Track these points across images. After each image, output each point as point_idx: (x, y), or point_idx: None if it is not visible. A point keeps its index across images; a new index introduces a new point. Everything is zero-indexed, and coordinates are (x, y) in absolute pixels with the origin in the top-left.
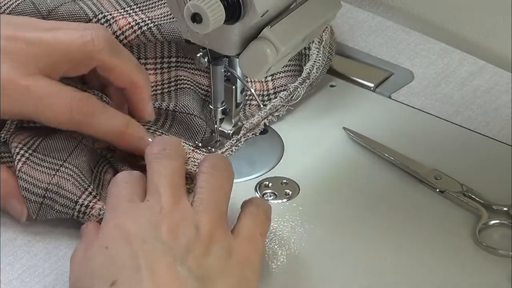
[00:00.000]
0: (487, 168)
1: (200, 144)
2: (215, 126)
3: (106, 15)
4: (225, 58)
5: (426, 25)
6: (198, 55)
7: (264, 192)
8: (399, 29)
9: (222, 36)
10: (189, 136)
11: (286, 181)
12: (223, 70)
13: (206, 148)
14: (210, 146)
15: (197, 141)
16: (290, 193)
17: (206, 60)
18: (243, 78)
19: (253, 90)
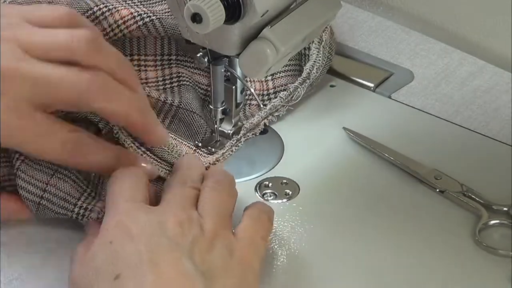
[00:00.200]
0: (487, 168)
1: (200, 144)
2: (215, 126)
3: (107, 5)
4: (225, 58)
5: (426, 25)
6: (198, 55)
7: (264, 192)
8: (399, 29)
9: (222, 36)
10: (189, 134)
11: (286, 181)
12: (223, 70)
13: (206, 148)
14: (210, 146)
15: (197, 140)
16: (290, 193)
17: (206, 60)
18: (243, 78)
19: (253, 90)
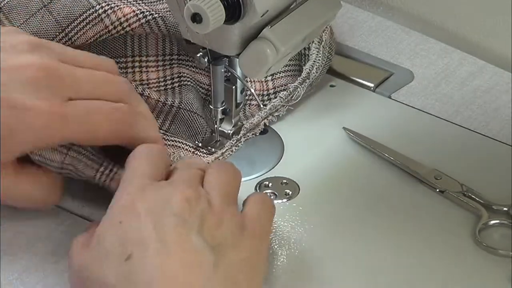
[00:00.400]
0: (487, 168)
1: (200, 144)
2: (215, 126)
3: (110, 4)
4: (225, 58)
5: (426, 25)
6: (198, 55)
7: (264, 192)
8: (399, 29)
9: (222, 36)
10: (189, 135)
11: (286, 181)
12: (223, 70)
13: (206, 148)
14: (210, 146)
15: (197, 141)
16: (290, 193)
17: (206, 60)
18: (243, 78)
19: (253, 90)
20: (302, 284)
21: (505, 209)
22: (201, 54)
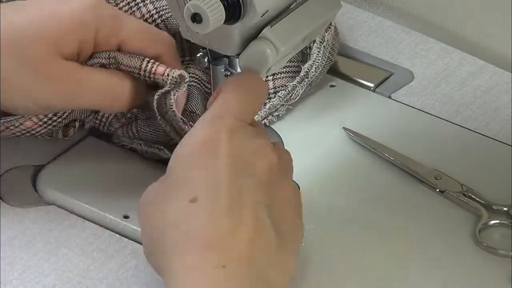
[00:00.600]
0: (487, 168)
1: None
2: None
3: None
4: (225, 58)
5: (426, 25)
6: (198, 55)
7: None
8: (399, 29)
9: (222, 36)
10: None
11: None
12: (223, 70)
13: None
14: None
15: None
16: None
17: (206, 60)
18: None
19: None
20: (302, 284)
21: (505, 209)
22: (201, 54)
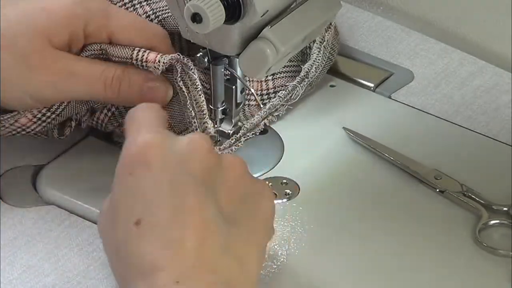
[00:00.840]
0: (487, 168)
1: None
2: (215, 126)
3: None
4: (225, 58)
5: (426, 25)
6: (198, 55)
7: None
8: (399, 29)
9: (222, 36)
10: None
11: (286, 181)
12: (223, 70)
13: None
14: None
15: None
16: (290, 193)
17: (206, 60)
18: (243, 78)
19: (253, 90)
20: (302, 284)
21: (505, 209)
22: (201, 54)
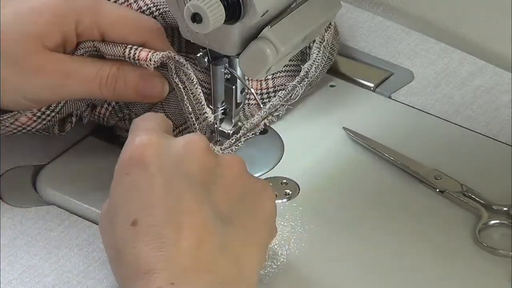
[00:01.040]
0: (487, 168)
1: None
2: (215, 126)
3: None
4: (225, 58)
5: (426, 25)
6: (198, 55)
7: None
8: (399, 29)
9: (222, 36)
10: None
11: (286, 181)
12: (223, 70)
13: None
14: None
15: None
16: (290, 193)
17: (206, 60)
18: (243, 78)
19: (253, 90)
20: (302, 284)
21: (505, 209)
22: (201, 54)
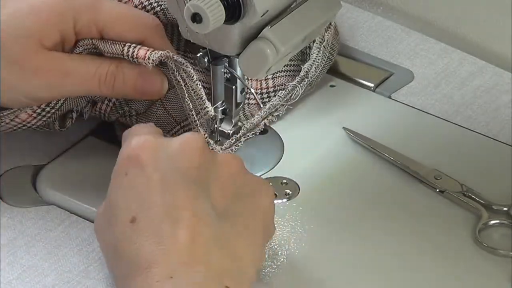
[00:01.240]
0: (487, 168)
1: None
2: (215, 126)
3: None
4: (225, 58)
5: (426, 25)
6: (198, 55)
7: None
8: (399, 29)
9: (222, 36)
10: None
11: (286, 181)
12: (223, 70)
13: None
14: (209, 146)
15: None
16: (290, 193)
17: (206, 60)
18: (243, 78)
19: (253, 90)
20: (302, 284)
21: (505, 209)
22: (201, 54)
